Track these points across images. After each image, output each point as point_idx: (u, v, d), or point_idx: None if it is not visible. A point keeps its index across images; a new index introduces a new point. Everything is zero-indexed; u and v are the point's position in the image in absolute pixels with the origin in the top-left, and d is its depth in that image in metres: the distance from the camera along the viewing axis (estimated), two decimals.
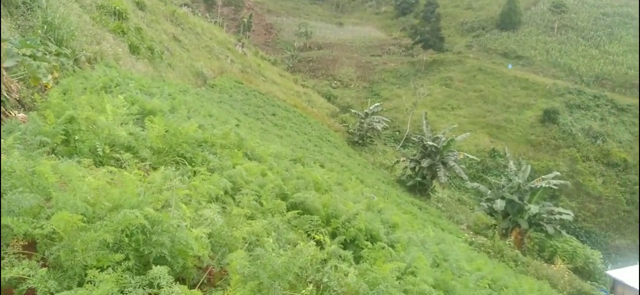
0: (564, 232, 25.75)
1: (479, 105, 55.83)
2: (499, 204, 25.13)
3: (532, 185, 26.14)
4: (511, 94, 56.61)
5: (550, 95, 54.70)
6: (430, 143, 31.86)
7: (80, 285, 2.86)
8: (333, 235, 6.22)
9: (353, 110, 45.95)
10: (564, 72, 60.41)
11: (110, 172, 4.97)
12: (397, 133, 50.73)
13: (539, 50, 66.00)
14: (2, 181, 3.80)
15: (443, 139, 32.33)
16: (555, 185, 26.15)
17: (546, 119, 50.69)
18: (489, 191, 28.66)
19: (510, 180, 27.12)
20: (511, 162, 29.25)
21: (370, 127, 41.90)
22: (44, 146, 5.13)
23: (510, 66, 62.65)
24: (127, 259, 3.22)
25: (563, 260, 24.23)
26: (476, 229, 28.54)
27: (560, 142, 48.25)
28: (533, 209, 23.86)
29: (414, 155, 34.69)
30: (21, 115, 7.11)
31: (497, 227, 26.59)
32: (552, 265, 22.67)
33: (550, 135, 49.28)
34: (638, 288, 19.24)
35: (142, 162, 6.41)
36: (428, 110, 51.43)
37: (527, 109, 53.65)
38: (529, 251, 25.55)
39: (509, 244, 23.13)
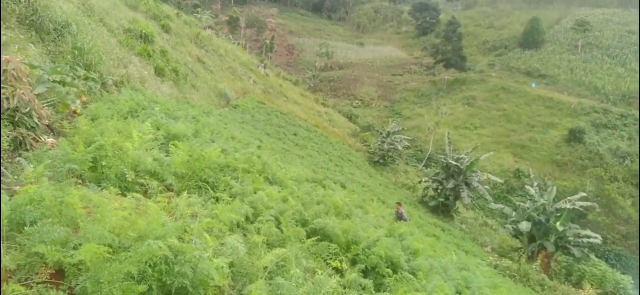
0: (592, 256, 25.03)
1: (502, 125, 55.15)
2: (524, 226, 24.61)
3: (558, 206, 25.56)
4: (535, 113, 55.80)
5: (576, 114, 53.73)
6: (454, 163, 31.53)
7: None
8: (353, 262, 6.22)
9: (374, 129, 45.90)
10: (589, 91, 59.37)
11: (136, 199, 5.10)
12: (420, 152, 50.40)
13: (563, 69, 65.10)
14: (33, 209, 3.94)
15: (466, 159, 31.97)
16: (582, 207, 25.52)
17: (572, 138, 49.73)
18: (514, 213, 28.13)
19: (535, 201, 26.57)
20: (535, 183, 28.70)
21: (391, 146, 41.74)
22: (72, 173, 5.31)
23: (533, 85, 61.89)
24: (150, 289, 3.30)
25: (592, 284, 23.49)
26: (501, 251, 27.98)
27: (587, 162, 47.20)
28: (558, 227, 23.31)
29: (437, 174, 34.33)
30: (51, 140, 7.35)
31: (522, 249, 26.01)
32: (581, 290, 22.00)
33: (577, 155, 48.28)
34: None
35: (166, 188, 6.55)
36: (450, 129, 51.03)
37: (552, 128, 52.76)
38: (556, 275, 24.88)
39: (535, 268, 22.58)
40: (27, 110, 7.02)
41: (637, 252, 38.74)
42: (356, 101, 64.89)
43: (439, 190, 32.86)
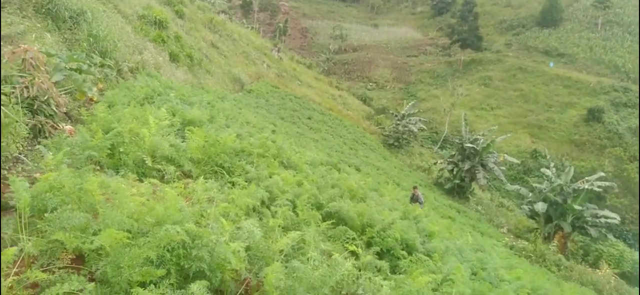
0: (610, 236, 24.74)
1: (519, 105, 54.37)
2: (541, 207, 24.41)
3: (576, 187, 25.26)
4: (553, 92, 54.85)
5: (595, 94, 52.69)
6: (469, 145, 31.28)
7: None
8: (368, 245, 6.25)
9: (389, 111, 45.64)
10: (609, 69, 58.08)
11: (153, 184, 5.18)
12: (435, 134, 50.04)
13: (582, 47, 63.69)
14: (53, 196, 4.03)
15: (482, 140, 31.67)
16: (600, 187, 25.17)
17: (590, 118, 48.84)
18: (531, 193, 27.88)
19: (552, 182, 26.28)
20: (552, 164, 28.35)
21: (406, 128, 41.50)
22: (91, 160, 5.41)
23: (551, 64, 60.73)
24: (168, 274, 3.36)
25: (609, 264, 23.25)
26: (517, 232, 27.81)
27: (606, 142, 46.38)
28: (576, 207, 23.06)
29: (452, 156, 34.11)
30: (69, 127, 7.47)
31: (539, 230, 25.81)
32: (598, 270, 21.80)
33: (595, 135, 47.46)
34: None
35: (183, 173, 6.63)
36: (466, 110, 50.51)
37: (570, 108, 51.86)
38: (573, 255, 24.68)
39: (552, 248, 22.41)
40: (45, 98, 7.13)
41: None
42: (371, 84, 64.48)
43: (454, 172, 32.67)
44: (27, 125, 6.52)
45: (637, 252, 26.59)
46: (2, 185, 4.58)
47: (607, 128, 47.41)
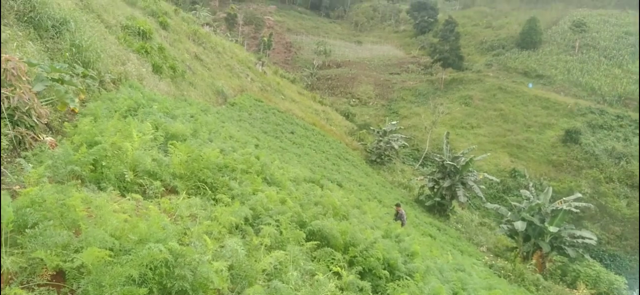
0: (587, 256, 25.19)
1: (499, 125, 55.33)
2: (520, 226, 24.74)
3: (554, 207, 25.70)
4: (532, 113, 56.00)
5: (572, 115, 53.97)
6: (450, 163, 31.64)
7: None
8: (350, 264, 6.27)
9: (371, 128, 45.95)
10: (585, 92, 59.63)
11: (135, 200, 5.14)
12: (416, 152, 50.53)
13: (560, 70, 65.33)
14: (34, 211, 3.97)
15: (462, 159, 32.09)
16: (577, 207, 25.66)
17: (568, 139, 49.96)
18: (509, 213, 28.26)
19: (530, 202, 26.71)
20: (530, 184, 28.86)
21: (388, 145, 41.82)
22: (73, 174, 5.33)
23: (530, 85, 62.10)
24: (151, 292, 3.34)
25: (586, 285, 23.62)
26: (496, 251, 28.12)
27: (583, 163, 47.42)
28: (553, 229, 23.43)
29: (433, 173, 34.45)
30: (50, 139, 7.36)
31: (518, 249, 26.14)
32: (575, 291, 22.14)
33: (573, 156, 48.50)
34: None
35: (165, 188, 6.58)
36: (447, 128, 51.14)
37: (549, 129, 52.97)
38: (551, 275, 25.01)
39: (530, 268, 22.70)
40: (26, 109, 7.03)
41: (631, 252, 38.97)
42: (354, 99, 64.94)
43: (435, 190, 32.98)
44: (6, 136, 6.42)
45: (613, 273, 27.08)
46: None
47: (584, 149, 48.51)
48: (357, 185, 27.14)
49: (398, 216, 16.10)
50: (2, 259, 3.44)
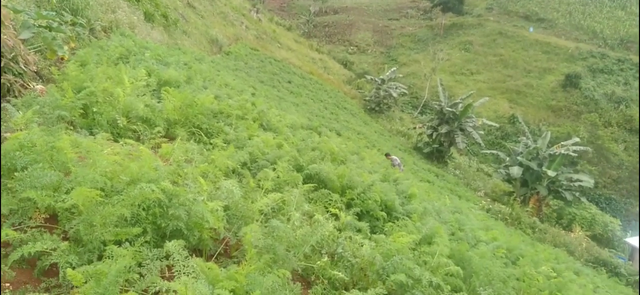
0: (583, 199, 25.47)
1: (498, 70, 54.71)
2: (517, 171, 24.88)
3: (552, 152, 25.76)
4: (532, 58, 55.24)
5: (573, 59, 53.27)
6: (448, 109, 31.46)
7: (99, 258, 2.93)
8: (348, 206, 6.26)
9: (370, 76, 45.44)
10: (587, 35, 58.61)
11: (128, 144, 5.04)
12: (415, 99, 50.15)
13: (562, 13, 63.98)
14: (23, 155, 3.87)
15: (461, 105, 31.89)
16: (575, 152, 25.72)
17: (568, 83, 49.49)
18: (508, 158, 28.37)
19: (528, 147, 26.76)
20: (527, 131, 28.82)
21: (387, 93, 41.47)
22: (63, 119, 5.21)
23: (531, 29, 60.98)
24: (144, 232, 3.29)
25: (582, 227, 24.03)
26: (494, 196, 28.40)
27: (582, 108, 47.19)
28: (550, 173, 23.56)
29: (431, 120, 34.34)
30: (40, 87, 7.19)
31: (515, 194, 26.40)
32: (571, 233, 22.52)
33: (572, 101, 48.21)
34: None
35: (159, 134, 6.48)
36: (447, 75, 50.65)
37: (549, 74, 52.40)
38: (547, 218, 25.38)
39: (527, 211, 22.99)
40: (12, 55, 6.83)
41: (627, 196, 39.44)
42: (351, 47, 63.89)
43: (433, 137, 32.95)
44: None
45: (608, 216, 27.54)
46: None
47: (584, 94, 48.16)
48: (356, 133, 27.08)
49: (393, 166, 16.09)
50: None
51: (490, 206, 23.16)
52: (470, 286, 5.00)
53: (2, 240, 3.09)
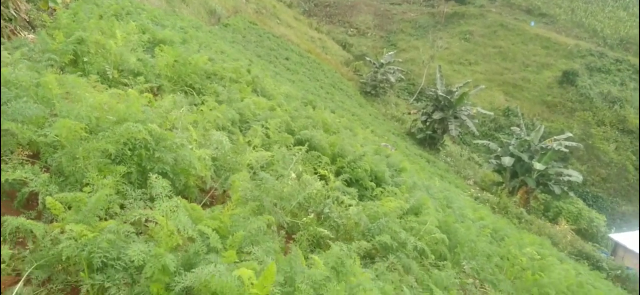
0: (571, 194, 25.64)
1: (497, 62, 54.59)
2: (507, 161, 24.97)
3: (544, 145, 25.87)
4: (531, 52, 55.13)
5: (571, 56, 53.23)
6: (443, 95, 31.42)
7: (81, 191, 2.87)
8: (337, 174, 6.21)
9: (367, 59, 45.17)
10: (587, 33, 58.49)
11: (117, 93, 4.94)
12: (412, 86, 49.99)
13: (564, 9, 63.71)
14: (7, 91, 3.77)
15: (457, 92, 31.84)
16: (566, 147, 25.83)
17: (564, 80, 49.52)
18: (499, 149, 28.46)
19: (520, 138, 26.84)
20: (522, 122, 28.88)
21: (384, 77, 41.28)
22: (52, 64, 5.09)
23: (532, 23, 60.73)
24: (129, 172, 3.22)
25: (567, 221, 24.26)
26: (483, 185, 28.55)
27: (577, 105, 47.29)
28: (540, 166, 23.67)
29: (426, 106, 34.31)
30: (31, 36, 7.05)
31: (504, 184, 26.54)
32: (556, 225, 22.73)
33: (567, 97, 48.28)
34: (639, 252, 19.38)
35: (150, 89, 6.37)
36: (445, 64, 50.38)
37: (546, 69, 52.36)
38: (534, 210, 25.57)
39: (515, 202, 23.14)
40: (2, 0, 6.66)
41: (614, 195, 39.80)
42: (351, 29, 63.37)
43: (427, 123, 32.95)
44: None
45: (595, 212, 27.80)
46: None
47: (580, 91, 48.23)
48: (350, 114, 26.99)
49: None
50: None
51: (479, 195, 23.27)
52: (454, 257, 5.00)
53: None
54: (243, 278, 2.10)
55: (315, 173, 5.21)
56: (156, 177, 2.55)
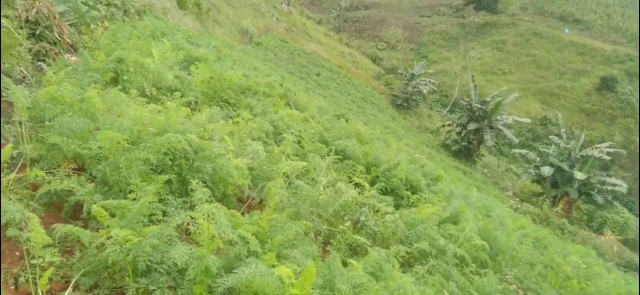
0: (616, 203, 24.61)
1: (531, 71, 53.40)
2: (547, 171, 24.23)
3: (584, 153, 25.00)
4: (567, 59, 53.71)
5: (609, 62, 51.55)
6: (478, 106, 30.87)
7: (125, 199, 2.95)
8: (372, 184, 6.18)
9: (398, 71, 44.98)
10: (625, 38, 56.64)
11: (156, 108, 5.09)
12: (445, 97, 49.40)
13: (600, 14, 61.99)
14: (54, 107, 3.94)
15: (491, 102, 31.24)
16: (608, 154, 24.88)
17: (603, 87, 47.93)
18: (538, 158, 27.66)
19: (560, 147, 26.01)
20: (563, 130, 28.02)
21: (415, 89, 40.94)
22: (94, 82, 5.30)
23: (567, 31, 59.25)
24: (170, 182, 3.30)
25: (613, 231, 23.24)
26: (522, 196, 27.76)
27: (618, 112, 45.65)
28: (581, 176, 22.83)
29: (460, 117, 33.78)
30: (74, 59, 7.35)
31: (544, 195, 25.73)
32: (601, 236, 21.81)
33: (607, 104, 46.68)
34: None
35: (187, 105, 6.53)
36: (478, 74, 49.61)
37: (583, 76, 50.85)
38: (577, 221, 24.65)
39: (557, 212, 22.38)
40: (47, 24, 6.99)
41: None
42: (381, 43, 63.36)
43: (462, 135, 32.40)
44: (30, 51, 6.41)
45: None
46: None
47: (620, 98, 46.60)
48: (383, 127, 26.85)
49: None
50: (22, 147, 3.43)
51: (519, 206, 22.64)
52: (495, 265, 4.87)
53: (30, 180, 3.15)
54: (283, 277, 2.11)
55: (350, 181, 5.19)
56: (197, 182, 2.60)
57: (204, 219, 2.36)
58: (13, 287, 2.49)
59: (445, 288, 3.49)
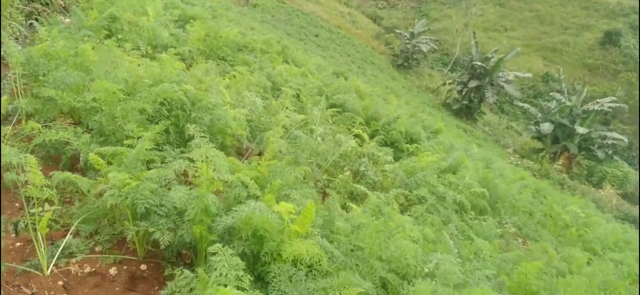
0: (616, 157, 24.65)
1: (534, 27, 52.56)
2: (547, 127, 24.16)
3: (586, 108, 24.88)
4: (570, 14, 52.79)
5: (613, 16, 50.68)
6: (479, 63, 30.54)
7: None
8: (372, 137, 6.16)
9: (398, 31, 44.29)
10: None
11: (151, 64, 5.03)
12: (446, 56, 48.80)
13: None
14: (47, 62, 3.90)
15: (492, 59, 30.88)
16: (610, 107, 24.75)
17: (606, 41, 47.22)
18: (539, 114, 27.54)
19: (561, 103, 25.87)
20: (564, 85, 27.80)
21: (416, 48, 40.40)
22: (88, 37, 5.22)
23: None
24: (167, 132, 3.28)
25: (612, 185, 23.35)
26: (523, 153, 27.78)
27: (621, 67, 45.14)
28: (582, 130, 22.78)
29: (461, 76, 33.48)
30: (67, 20, 7.23)
31: (545, 151, 25.74)
32: (601, 190, 21.93)
33: (610, 59, 46.10)
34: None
35: (183, 61, 6.46)
36: (480, 32, 48.85)
37: (587, 31, 50.08)
38: (577, 176, 24.72)
39: (557, 168, 22.44)
40: None
41: None
42: (381, 2, 62.22)
43: (463, 93, 32.16)
44: (23, 11, 6.30)
45: None
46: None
47: (623, 52, 46.00)
48: (383, 88, 26.65)
49: None
50: (17, 102, 3.41)
51: (519, 162, 22.69)
52: (495, 213, 4.90)
53: (27, 133, 3.13)
54: (283, 214, 2.12)
55: (350, 132, 5.18)
56: (194, 127, 2.59)
57: (202, 161, 2.35)
58: (13, 235, 2.51)
59: (444, 231, 3.52)
